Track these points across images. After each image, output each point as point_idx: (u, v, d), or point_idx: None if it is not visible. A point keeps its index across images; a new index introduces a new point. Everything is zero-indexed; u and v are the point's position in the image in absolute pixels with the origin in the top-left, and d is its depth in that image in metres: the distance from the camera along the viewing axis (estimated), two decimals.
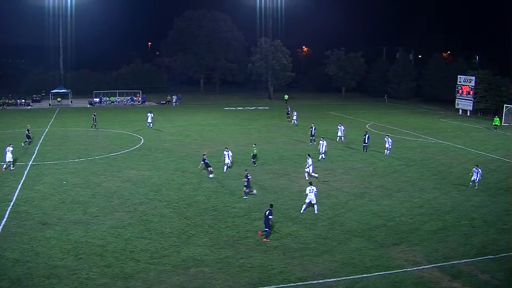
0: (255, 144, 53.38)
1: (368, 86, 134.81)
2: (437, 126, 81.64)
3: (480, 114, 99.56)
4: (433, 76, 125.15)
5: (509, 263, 29.16)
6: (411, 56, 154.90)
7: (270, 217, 31.43)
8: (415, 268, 27.83)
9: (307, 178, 44.40)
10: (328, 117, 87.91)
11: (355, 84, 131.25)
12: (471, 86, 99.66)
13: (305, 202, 36.43)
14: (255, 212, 35.93)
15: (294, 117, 78.35)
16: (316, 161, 50.09)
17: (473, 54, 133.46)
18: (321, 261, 28.20)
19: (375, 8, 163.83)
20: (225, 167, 47.50)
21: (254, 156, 50.75)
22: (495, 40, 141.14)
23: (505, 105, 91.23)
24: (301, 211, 36.27)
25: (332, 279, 26.10)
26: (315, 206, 36.36)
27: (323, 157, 52.87)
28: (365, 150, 58.15)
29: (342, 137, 63.96)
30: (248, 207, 37.17)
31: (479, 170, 43.89)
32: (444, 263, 28.62)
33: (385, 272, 27.12)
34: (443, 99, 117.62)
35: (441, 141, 66.78)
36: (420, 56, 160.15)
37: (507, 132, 78.35)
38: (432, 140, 67.66)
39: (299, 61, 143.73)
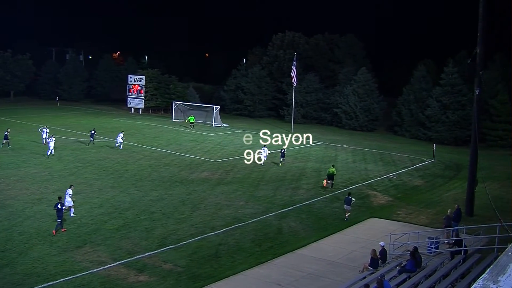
0: None
1: (39, 88, 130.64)
2: (110, 125, 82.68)
3: (151, 112, 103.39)
4: (104, 76, 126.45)
5: (189, 250, 31.12)
6: (81, 57, 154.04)
7: (62, 207, 33.48)
8: (101, 268, 28.03)
9: None
10: None
11: (24, 87, 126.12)
12: (141, 85, 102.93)
13: None
14: None
15: None
16: None
17: (142, 54, 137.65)
18: (1, 275, 26.74)
19: (42, 8, 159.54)
20: None
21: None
22: (160, 40, 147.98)
23: (173, 102, 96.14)
24: None
25: None
26: None
27: None
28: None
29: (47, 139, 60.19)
30: None
31: None
32: (129, 259, 29.36)
33: (71, 277, 26.82)
34: (115, 98, 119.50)
35: (114, 140, 67.73)
36: (90, 57, 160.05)
37: (176, 127, 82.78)
38: (107, 139, 68.19)
39: None
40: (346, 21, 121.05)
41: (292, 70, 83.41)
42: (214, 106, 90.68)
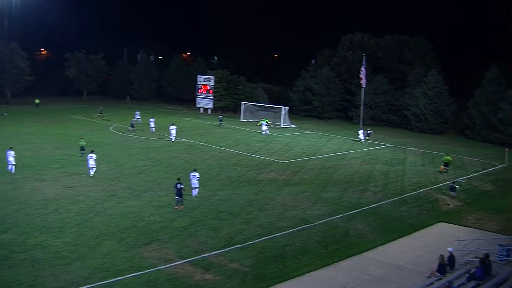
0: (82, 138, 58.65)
1: (111, 88, 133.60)
2: (179, 125, 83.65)
3: (220, 112, 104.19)
4: (174, 76, 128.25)
5: (255, 250, 31.18)
6: (152, 57, 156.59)
7: (182, 186, 38.68)
8: (168, 265, 28.42)
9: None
10: (70, 121, 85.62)
11: (96, 87, 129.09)
12: (211, 85, 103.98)
13: None
14: None
15: (151, 125, 76.02)
16: (66, 168, 49.00)
17: (212, 54, 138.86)
18: (73, 269, 27.50)
19: (115, 9, 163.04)
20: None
21: (82, 148, 55.52)
22: (230, 41, 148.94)
23: (242, 102, 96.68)
24: None
25: (85, 286, 25.57)
26: None
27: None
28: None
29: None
30: None
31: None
32: (196, 257, 29.64)
33: (139, 273, 27.28)
34: (185, 98, 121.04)
35: (184, 140, 68.67)
36: (160, 57, 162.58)
37: (246, 128, 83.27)
38: (177, 139, 69.21)
39: (38, 65, 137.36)
40: (416, 22, 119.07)
41: (361, 71, 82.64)
42: (283, 107, 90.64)
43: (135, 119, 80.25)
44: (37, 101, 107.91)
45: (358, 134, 75.08)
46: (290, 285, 26.87)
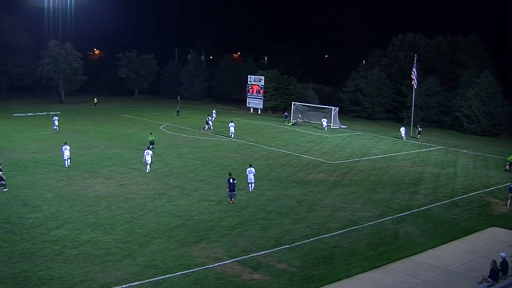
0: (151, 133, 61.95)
1: (161, 87, 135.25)
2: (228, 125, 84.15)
3: (270, 112, 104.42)
4: (224, 76, 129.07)
5: (303, 250, 31.13)
6: (202, 57, 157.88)
7: (235, 181, 40.43)
8: (217, 264, 28.59)
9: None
10: (122, 120, 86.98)
11: (148, 86, 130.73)
12: (261, 85, 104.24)
13: None
14: (51, 221, 34.62)
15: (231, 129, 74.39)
16: (117, 166, 49.97)
17: (262, 54, 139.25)
18: (123, 265, 27.95)
19: (166, 9, 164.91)
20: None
21: (152, 143, 58.00)
22: (280, 41, 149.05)
23: (292, 102, 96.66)
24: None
25: (135, 283, 25.96)
26: None
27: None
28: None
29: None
30: (44, 216, 35.69)
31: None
32: (244, 257, 29.75)
33: (188, 271, 27.54)
34: (235, 98, 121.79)
35: (234, 140, 69.04)
36: (211, 57, 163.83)
37: (295, 128, 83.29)
38: (226, 138, 69.69)
39: (91, 64, 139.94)
40: (469, 22, 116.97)
41: (413, 72, 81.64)
42: (333, 108, 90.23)
43: (210, 118, 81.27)
44: (95, 100, 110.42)
45: (400, 132, 76.48)
46: (338, 287, 26.73)
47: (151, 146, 54.96)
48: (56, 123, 74.21)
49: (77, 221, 34.64)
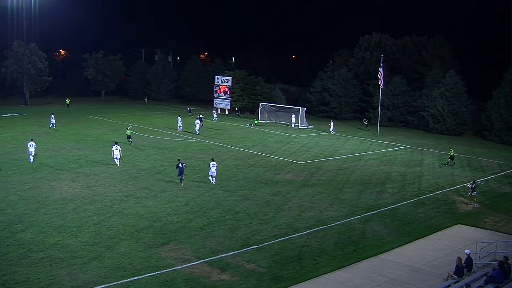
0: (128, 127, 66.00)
1: (128, 88, 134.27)
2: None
3: (238, 113, 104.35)
4: (191, 77, 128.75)
5: (271, 251, 31.22)
6: (169, 58, 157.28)
7: (183, 165, 45.84)
8: (185, 265, 28.54)
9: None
10: (89, 121, 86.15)
11: (114, 87, 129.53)
12: (228, 86, 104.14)
13: None
14: (16, 224, 34.11)
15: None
16: (83, 168, 49.59)
17: (229, 55, 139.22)
18: (90, 268, 27.68)
19: (132, 10, 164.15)
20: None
21: (129, 137, 63.77)
22: (248, 41, 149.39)
23: (260, 103, 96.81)
24: None
25: (103, 285, 25.77)
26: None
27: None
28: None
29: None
30: (9, 219, 35.13)
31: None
32: (213, 257, 29.76)
33: (156, 273, 27.43)
34: (202, 99, 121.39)
35: (202, 140, 68.86)
36: (178, 58, 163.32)
37: (263, 128, 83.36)
38: (193, 139, 69.47)
39: (56, 65, 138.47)
40: (434, 23, 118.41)
41: (379, 72, 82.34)
42: (300, 108, 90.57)
43: (214, 118, 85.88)
44: (67, 101, 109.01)
45: (329, 127, 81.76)
46: (307, 286, 26.85)
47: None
48: (53, 121, 75.80)
49: (43, 224, 34.21)
